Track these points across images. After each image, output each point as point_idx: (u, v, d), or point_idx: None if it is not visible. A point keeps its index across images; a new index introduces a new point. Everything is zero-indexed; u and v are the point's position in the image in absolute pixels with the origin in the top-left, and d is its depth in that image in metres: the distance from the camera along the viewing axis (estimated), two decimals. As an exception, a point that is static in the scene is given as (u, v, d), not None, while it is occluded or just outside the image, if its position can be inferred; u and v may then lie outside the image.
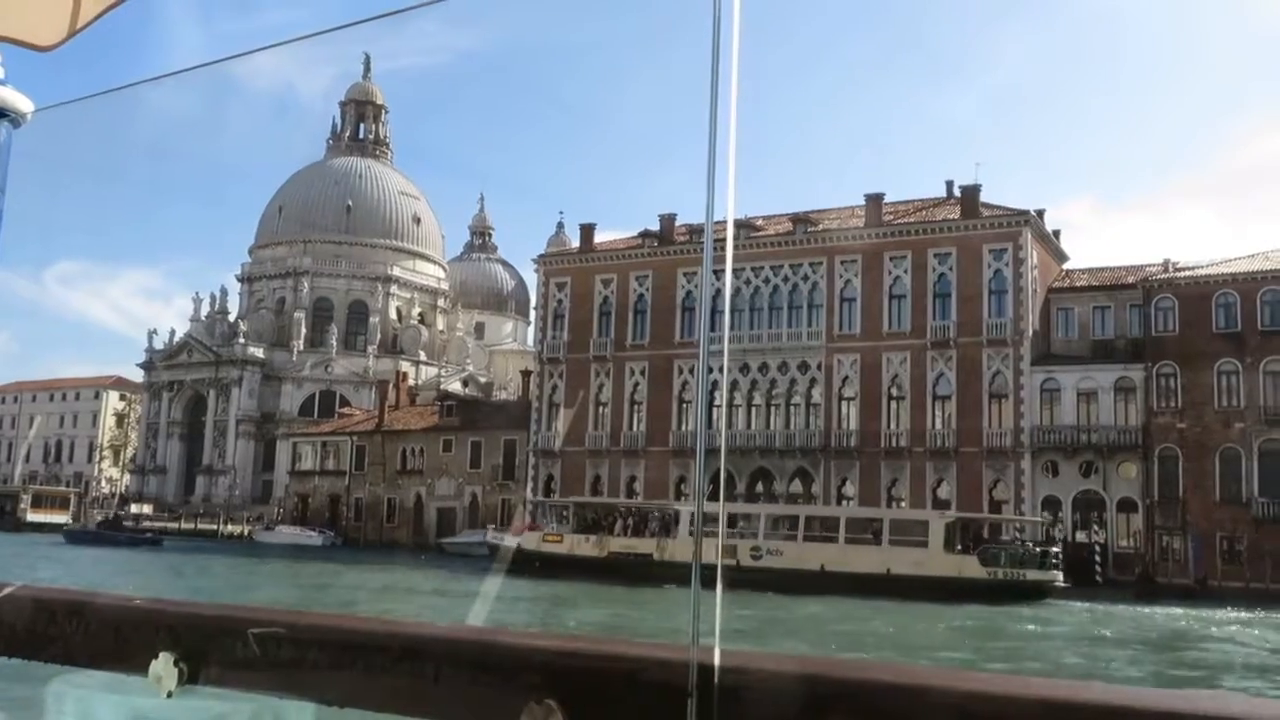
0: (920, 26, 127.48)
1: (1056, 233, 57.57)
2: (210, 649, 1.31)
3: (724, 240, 1.22)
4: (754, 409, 56.74)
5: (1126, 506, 48.79)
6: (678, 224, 61.52)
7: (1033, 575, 39.01)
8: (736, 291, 57.61)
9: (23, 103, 2.55)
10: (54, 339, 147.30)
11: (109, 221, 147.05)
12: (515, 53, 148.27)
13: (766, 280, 57.37)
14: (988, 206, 53.97)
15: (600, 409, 60.98)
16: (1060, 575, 39.67)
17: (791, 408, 56.19)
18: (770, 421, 56.42)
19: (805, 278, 56.56)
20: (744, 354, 56.23)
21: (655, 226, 62.22)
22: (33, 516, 72.19)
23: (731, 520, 43.89)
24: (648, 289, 60.71)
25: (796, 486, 54.99)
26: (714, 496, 52.42)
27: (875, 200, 56.73)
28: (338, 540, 65.08)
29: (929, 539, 40.27)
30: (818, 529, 43.32)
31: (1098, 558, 46.42)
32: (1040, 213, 54.93)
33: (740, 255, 56.23)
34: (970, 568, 38.21)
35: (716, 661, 1.02)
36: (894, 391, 53.86)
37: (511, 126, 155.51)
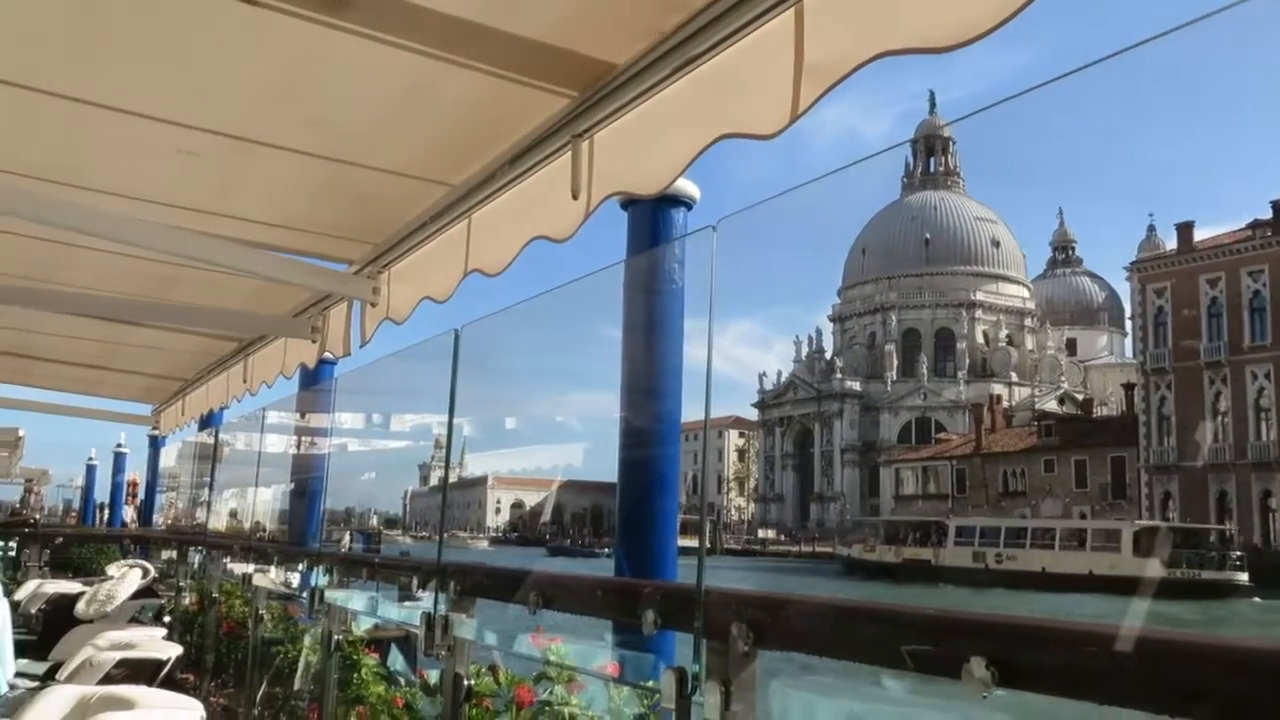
0: None
1: None
2: (1020, 654, 1.38)
3: None
4: None
5: None
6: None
7: (1208, 575, 43.95)
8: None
9: (694, 190, 3.49)
10: (686, 389, 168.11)
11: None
12: (1072, 54, 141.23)
13: None
14: None
15: (1219, 419, 56.45)
16: (1243, 576, 44.08)
17: None
18: None
19: None
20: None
21: (1266, 214, 56.47)
22: (679, 542, 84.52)
23: (983, 532, 56.48)
24: (1264, 284, 55.19)
25: None
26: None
27: None
28: (945, 561, 67.41)
29: (1121, 545, 47.68)
30: (1040, 538, 53.23)
31: None
32: None
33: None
34: (1153, 569, 42.49)
35: None
36: None
37: (1081, 132, 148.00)
